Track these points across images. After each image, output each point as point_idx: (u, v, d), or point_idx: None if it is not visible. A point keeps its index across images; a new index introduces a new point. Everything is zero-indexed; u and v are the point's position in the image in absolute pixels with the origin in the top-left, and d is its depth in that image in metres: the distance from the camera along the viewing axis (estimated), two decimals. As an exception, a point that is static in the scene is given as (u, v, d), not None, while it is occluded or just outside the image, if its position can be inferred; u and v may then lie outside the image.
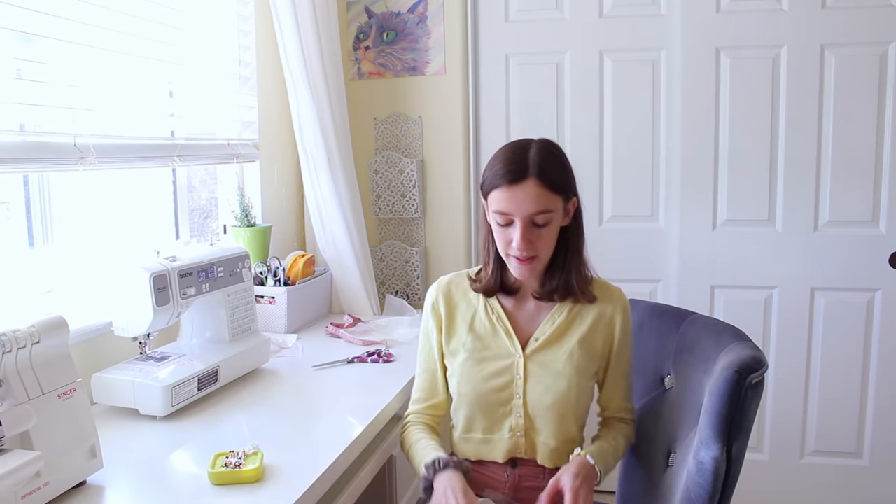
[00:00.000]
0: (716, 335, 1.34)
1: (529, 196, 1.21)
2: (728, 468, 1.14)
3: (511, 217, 1.23)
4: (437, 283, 1.43)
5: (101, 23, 1.56)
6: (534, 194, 1.21)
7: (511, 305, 1.38)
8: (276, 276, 2.08)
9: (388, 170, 2.57)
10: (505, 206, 1.22)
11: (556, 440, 1.32)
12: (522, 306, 1.38)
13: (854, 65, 2.26)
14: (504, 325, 1.35)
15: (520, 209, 1.22)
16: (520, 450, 1.35)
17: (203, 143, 2.00)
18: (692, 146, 2.39)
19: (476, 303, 1.39)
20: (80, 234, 1.72)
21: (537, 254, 1.26)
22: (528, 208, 1.21)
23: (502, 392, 1.33)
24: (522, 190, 1.21)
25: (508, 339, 1.34)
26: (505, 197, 1.22)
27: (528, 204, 1.21)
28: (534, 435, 1.33)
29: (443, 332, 1.40)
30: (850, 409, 2.40)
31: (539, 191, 1.21)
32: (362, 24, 2.55)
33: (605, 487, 1.59)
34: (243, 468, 1.14)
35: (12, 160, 1.35)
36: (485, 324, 1.37)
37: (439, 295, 1.41)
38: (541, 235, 1.24)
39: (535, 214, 1.22)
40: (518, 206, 1.21)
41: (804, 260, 2.36)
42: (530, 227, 1.23)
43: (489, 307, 1.38)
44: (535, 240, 1.24)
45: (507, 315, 1.36)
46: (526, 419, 1.33)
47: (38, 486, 1.02)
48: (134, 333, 1.45)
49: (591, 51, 2.44)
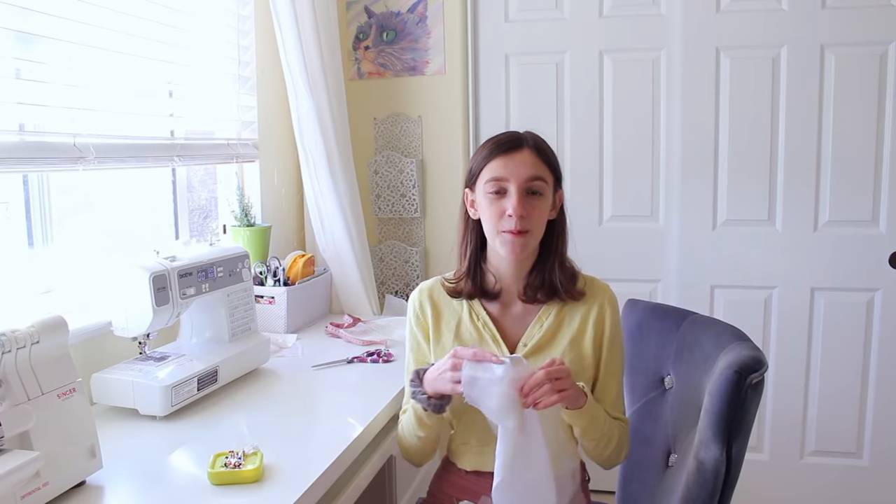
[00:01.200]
0: (716, 335, 1.34)
1: (526, 162, 1.23)
2: (728, 468, 1.14)
3: (505, 183, 1.23)
4: (419, 291, 1.39)
5: (100, 23, 1.56)
6: (530, 160, 1.23)
7: (496, 310, 1.34)
8: (275, 275, 2.08)
9: (387, 170, 2.57)
10: (500, 171, 1.23)
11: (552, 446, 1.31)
12: (508, 310, 1.34)
13: (854, 65, 2.26)
14: (490, 331, 1.32)
15: (516, 173, 1.23)
16: None
17: (203, 142, 2.00)
18: (692, 146, 2.39)
19: (460, 309, 1.35)
20: (80, 233, 1.71)
21: (530, 228, 1.24)
22: (525, 172, 1.23)
23: None
24: (519, 156, 1.23)
25: (496, 346, 1.31)
26: (500, 164, 1.23)
27: (524, 168, 1.23)
28: None
29: (430, 341, 1.35)
30: (850, 409, 2.40)
31: (535, 159, 1.24)
32: (362, 23, 2.55)
33: (605, 487, 1.59)
34: (243, 468, 1.14)
35: (12, 160, 1.35)
36: (470, 331, 1.33)
37: (423, 302, 1.37)
38: (535, 206, 1.24)
39: (532, 180, 1.23)
40: (514, 169, 1.23)
41: (804, 260, 2.36)
42: (526, 195, 1.23)
43: (474, 313, 1.34)
44: (530, 209, 1.23)
45: (492, 320, 1.33)
46: None
47: (38, 486, 1.02)
48: (133, 333, 1.45)
49: (591, 51, 2.44)
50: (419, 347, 1.38)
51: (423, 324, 1.37)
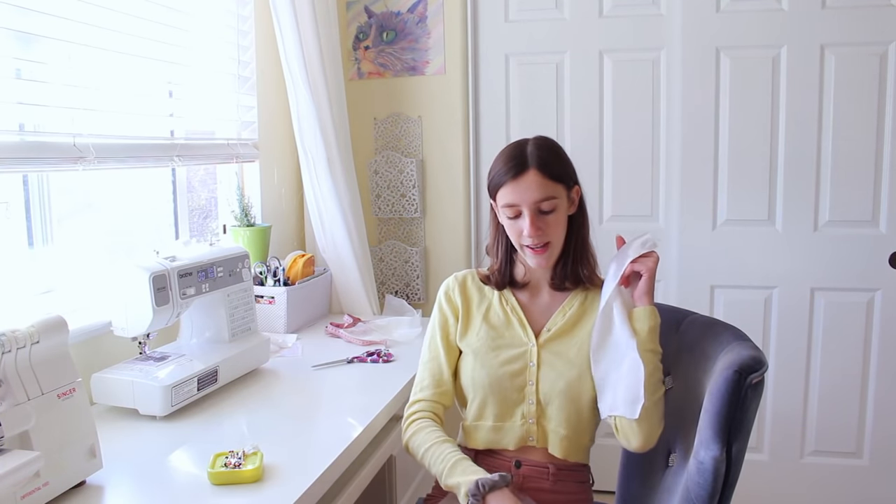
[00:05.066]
0: (716, 335, 1.34)
1: (532, 186, 1.29)
2: (728, 468, 1.14)
3: (518, 208, 1.31)
4: (453, 277, 1.48)
5: (100, 23, 1.56)
6: (536, 183, 1.29)
7: (525, 298, 1.42)
8: (275, 275, 2.08)
9: (387, 170, 2.57)
10: (511, 198, 1.30)
11: (566, 429, 1.33)
12: (536, 298, 1.42)
13: (854, 65, 2.26)
14: (518, 315, 1.40)
15: (524, 199, 1.29)
16: (531, 438, 1.35)
17: (202, 142, 2.00)
18: (692, 146, 2.39)
19: (490, 296, 1.43)
20: (80, 233, 1.71)
21: (549, 240, 1.32)
22: (532, 196, 1.29)
23: (516, 378, 1.35)
24: (525, 181, 1.29)
25: (522, 329, 1.38)
26: (510, 190, 1.30)
27: (531, 193, 1.29)
28: (545, 422, 1.35)
29: (459, 321, 1.43)
30: (850, 409, 2.40)
31: (540, 180, 1.29)
32: (362, 23, 2.55)
33: (606, 487, 1.59)
34: (243, 468, 1.14)
35: (12, 160, 1.35)
36: (499, 314, 1.41)
37: (455, 286, 1.46)
38: (549, 222, 1.31)
39: (540, 202, 1.29)
40: (522, 196, 1.29)
41: (804, 260, 2.36)
42: (538, 215, 1.30)
43: (503, 299, 1.42)
44: (544, 227, 1.31)
45: (521, 306, 1.41)
46: (538, 406, 1.34)
47: (38, 486, 1.02)
48: (133, 333, 1.45)
49: (591, 51, 2.44)
50: (446, 324, 1.43)
51: (453, 303, 1.44)
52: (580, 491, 1.39)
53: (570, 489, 1.36)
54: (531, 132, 1.40)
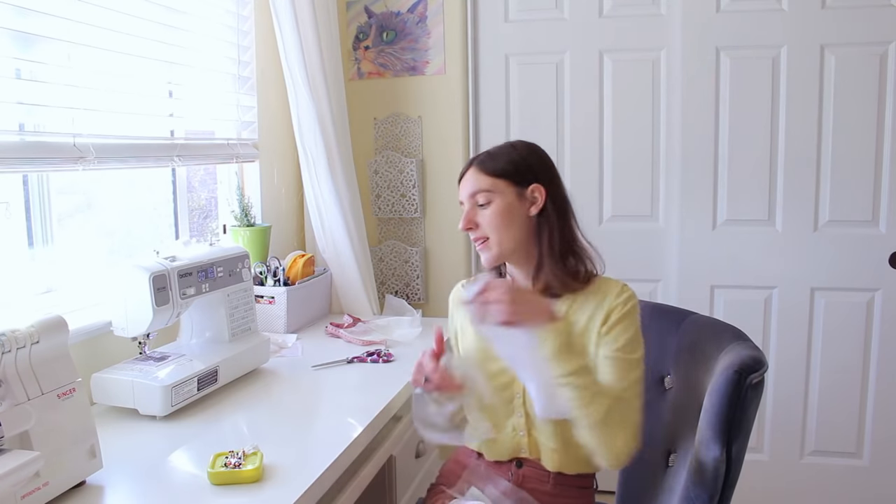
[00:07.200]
0: (716, 335, 1.34)
1: (468, 179, 1.35)
2: (728, 468, 1.14)
3: (463, 205, 1.37)
4: (459, 284, 1.52)
5: (100, 23, 1.56)
6: (472, 178, 1.35)
7: None
8: (275, 275, 2.08)
9: (387, 170, 2.57)
10: (459, 195, 1.37)
11: (556, 442, 1.31)
12: None
13: (854, 65, 2.26)
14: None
15: (463, 193, 1.36)
16: (523, 450, 1.34)
17: (202, 142, 2.00)
18: (692, 146, 2.39)
19: None
20: (80, 233, 1.72)
21: (486, 235, 1.33)
22: (466, 190, 1.35)
23: (504, 391, 1.34)
24: (466, 177, 1.36)
25: None
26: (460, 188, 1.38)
27: (465, 187, 1.35)
28: (536, 434, 1.33)
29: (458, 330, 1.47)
30: (850, 409, 2.40)
31: (476, 175, 1.34)
32: (362, 23, 2.55)
33: (606, 487, 1.59)
34: (243, 468, 1.14)
35: (12, 160, 1.35)
36: None
37: (454, 295, 1.50)
38: (483, 214, 1.33)
39: (474, 194, 1.33)
40: (462, 191, 1.37)
41: (804, 260, 2.36)
42: (473, 208, 1.34)
43: None
44: (479, 218, 1.33)
45: None
46: (527, 418, 1.33)
47: (38, 486, 1.02)
48: (133, 333, 1.45)
49: (590, 51, 2.44)
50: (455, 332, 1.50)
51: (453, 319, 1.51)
52: (582, 496, 1.37)
53: (571, 494, 1.35)
54: (531, 132, 1.41)
